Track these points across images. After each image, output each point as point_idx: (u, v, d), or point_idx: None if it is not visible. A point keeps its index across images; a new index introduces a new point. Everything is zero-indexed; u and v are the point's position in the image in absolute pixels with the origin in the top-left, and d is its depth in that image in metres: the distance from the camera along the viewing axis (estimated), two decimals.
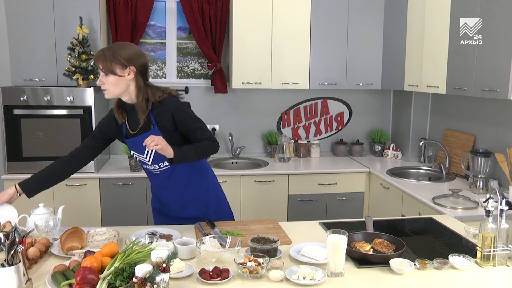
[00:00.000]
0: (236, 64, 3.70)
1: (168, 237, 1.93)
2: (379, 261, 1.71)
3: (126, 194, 3.42)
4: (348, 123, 4.32)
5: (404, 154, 4.03)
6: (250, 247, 1.76)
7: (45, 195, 3.13)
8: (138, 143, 2.00)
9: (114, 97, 2.01)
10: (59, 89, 3.30)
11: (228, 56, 3.94)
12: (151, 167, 2.11)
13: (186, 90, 3.90)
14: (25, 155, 3.29)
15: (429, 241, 2.10)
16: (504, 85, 2.49)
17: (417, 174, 3.64)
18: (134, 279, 1.34)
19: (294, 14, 3.71)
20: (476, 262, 1.74)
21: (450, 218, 2.34)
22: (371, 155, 4.22)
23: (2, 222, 1.82)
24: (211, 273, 1.57)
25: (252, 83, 3.73)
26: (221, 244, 1.80)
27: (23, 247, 1.49)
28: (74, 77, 3.36)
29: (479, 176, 2.95)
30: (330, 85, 3.86)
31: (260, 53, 3.70)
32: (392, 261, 1.66)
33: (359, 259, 1.73)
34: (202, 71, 4.07)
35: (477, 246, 1.76)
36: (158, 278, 1.35)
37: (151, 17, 3.82)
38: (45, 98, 3.26)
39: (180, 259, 1.62)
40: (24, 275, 1.48)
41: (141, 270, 1.35)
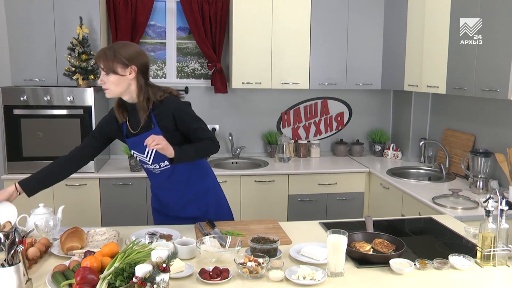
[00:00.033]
0: (236, 64, 3.70)
1: (168, 237, 1.93)
2: (379, 261, 1.71)
3: (126, 194, 3.42)
4: (348, 123, 4.32)
5: (404, 154, 4.03)
6: (250, 247, 1.76)
7: (45, 195, 3.14)
8: (139, 143, 2.00)
9: (115, 97, 2.01)
10: (59, 89, 3.30)
11: (228, 56, 3.94)
12: (152, 167, 2.11)
13: (186, 90, 3.90)
14: (25, 155, 3.29)
15: (429, 241, 2.10)
16: (504, 85, 2.49)
17: (417, 174, 3.64)
18: (134, 279, 1.34)
19: (294, 14, 3.71)
20: (476, 262, 1.74)
21: (450, 218, 2.34)
22: (371, 155, 4.22)
23: (2, 220, 1.82)
24: (211, 273, 1.57)
25: (252, 83, 3.73)
26: (221, 244, 1.80)
27: (23, 247, 1.49)
28: (74, 77, 3.36)
29: (479, 176, 2.95)
30: (330, 85, 3.86)
31: (260, 53, 3.70)
32: (392, 261, 1.66)
33: (359, 259, 1.73)
34: (202, 71, 4.07)
35: (477, 246, 1.76)
36: (158, 278, 1.35)
37: (151, 17, 3.82)
38: (45, 98, 3.26)
39: (180, 259, 1.62)
40: (24, 275, 1.48)
41: (141, 270, 1.35)
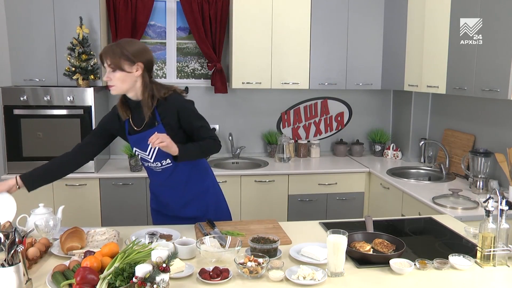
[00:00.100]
0: (236, 64, 3.70)
1: (168, 237, 1.93)
2: (379, 261, 1.71)
3: (126, 194, 3.42)
4: (348, 123, 4.32)
5: (404, 154, 4.03)
6: (250, 247, 1.76)
7: (45, 195, 3.15)
8: (142, 140, 2.00)
9: (121, 93, 2.01)
10: (59, 89, 3.30)
11: (228, 56, 3.94)
12: (153, 165, 2.11)
13: (186, 90, 3.89)
14: (25, 155, 3.29)
15: (429, 241, 2.10)
16: (504, 85, 2.49)
17: (417, 174, 3.64)
18: (134, 279, 1.34)
19: (294, 14, 3.71)
20: (476, 262, 1.74)
21: (450, 218, 2.34)
22: (371, 155, 4.22)
23: (0, 211, 1.81)
24: (211, 273, 1.56)
25: (252, 83, 3.72)
26: (221, 244, 1.80)
27: (23, 247, 1.49)
28: (74, 77, 3.35)
29: (479, 176, 2.95)
30: (330, 85, 3.86)
31: (260, 53, 3.70)
32: (392, 261, 1.66)
33: (359, 259, 1.73)
34: (202, 71, 4.06)
35: (477, 246, 1.76)
36: (158, 278, 1.35)
37: (151, 17, 3.82)
38: (45, 98, 3.26)
39: (180, 259, 1.62)
40: (24, 275, 1.48)
41: (141, 270, 1.35)
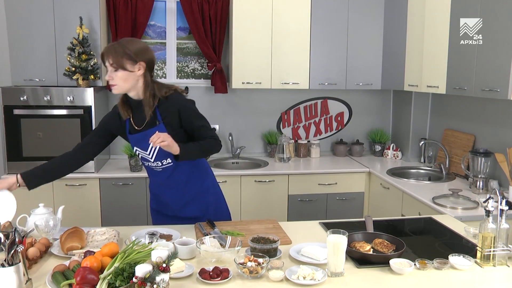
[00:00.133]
0: (236, 64, 3.70)
1: (168, 237, 1.93)
2: (379, 261, 1.71)
3: (126, 194, 3.42)
4: (348, 123, 4.32)
5: (404, 154, 4.03)
6: (250, 247, 1.76)
7: (45, 195, 3.15)
8: (143, 139, 2.01)
9: (122, 93, 2.01)
10: (59, 89, 3.30)
11: (228, 56, 3.94)
12: (154, 164, 2.11)
13: (186, 90, 3.88)
14: (25, 155, 3.29)
15: (429, 241, 2.10)
16: (504, 85, 2.49)
17: (417, 174, 3.64)
18: (134, 279, 1.34)
19: (294, 14, 3.71)
20: (476, 262, 1.74)
21: (450, 218, 2.34)
22: (371, 155, 4.22)
23: (0, 209, 1.81)
24: (211, 273, 1.56)
25: (252, 83, 3.72)
26: (221, 244, 1.80)
27: (23, 247, 1.49)
28: (74, 77, 3.35)
29: (479, 176, 2.95)
30: (330, 85, 3.85)
31: (260, 53, 3.70)
32: (392, 261, 1.66)
33: (359, 259, 1.73)
34: (202, 71, 4.06)
35: (477, 246, 1.76)
36: (158, 278, 1.35)
37: (151, 17, 3.82)
38: (45, 98, 3.26)
39: (180, 259, 1.62)
40: (24, 275, 1.48)
41: (141, 270, 1.35)
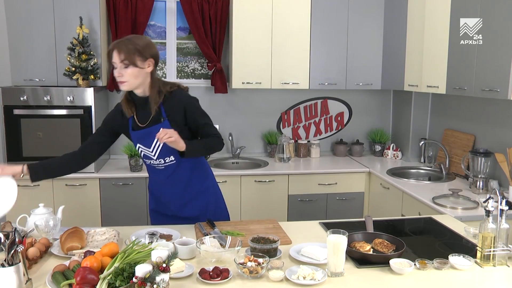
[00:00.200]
0: (236, 64, 3.70)
1: (168, 237, 1.93)
2: (379, 261, 1.71)
3: (126, 194, 3.42)
4: (348, 123, 4.32)
5: (404, 154, 4.03)
6: (250, 247, 1.76)
7: (45, 195, 3.15)
8: (146, 136, 2.01)
9: (131, 89, 2.01)
10: (59, 89, 3.30)
11: (228, 56, 3.94)
12: (156, 162, 2.10)
13: (186, 90, 3.89)
14: (25, 155, 3.29)
15: (429, 241, 2.10)
16: (504, 85, 2.49)
17: (417, 174, 3.64)
18: (134, 279, 1.34)
19: (294, 14, 3.71)
20: (476, 262, 1.74)
21: (450, 218, 2.34)
22: (371, 155, 4.22)
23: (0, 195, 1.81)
24: (211, 273, 1.56)
25: (252, 83, 3.72)
26: (221, 244, 1.80)
27: (23, 247, 1.49)
28: (74, 77, 3.36)
29: (479, 176, 2.95)
30: (330, 85, 3.85)
31: (260, 53, 3.70)
32: (392, 261, 1.66)
33: (359, 259, 1.73)
34: (202, 71, 4.06)
35: (477, 246, 1.76)
36: (158, 278, 1.35)
37: (151, 17, 3.82)
38: (45, 98, 3.26)
39: (180, 259, 1.62)
40: (24, 275, 1.48)
41: (141, 270, 1.35)
